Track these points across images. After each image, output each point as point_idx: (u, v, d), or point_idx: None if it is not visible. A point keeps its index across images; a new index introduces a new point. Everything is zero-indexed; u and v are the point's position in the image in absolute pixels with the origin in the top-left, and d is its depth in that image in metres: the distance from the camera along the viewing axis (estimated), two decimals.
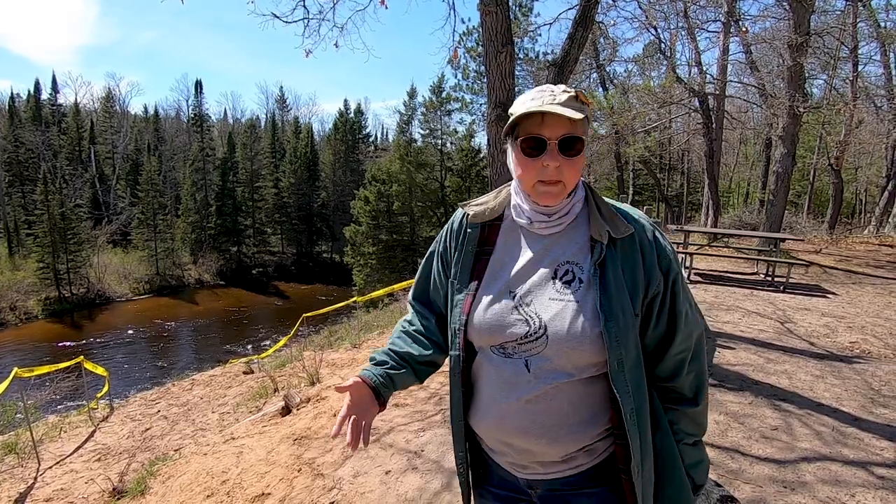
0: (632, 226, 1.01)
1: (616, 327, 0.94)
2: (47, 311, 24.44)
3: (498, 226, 1.09)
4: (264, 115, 51.69)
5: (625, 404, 0.96)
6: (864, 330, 5.16)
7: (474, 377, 1.08)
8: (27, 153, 34.92)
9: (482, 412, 1.05)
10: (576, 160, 0.97)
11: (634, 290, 0.98)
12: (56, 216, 25.59)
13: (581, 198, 1.04)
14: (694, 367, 1.05)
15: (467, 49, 20.58)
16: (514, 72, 4.39)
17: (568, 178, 0.97)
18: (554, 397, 0.98)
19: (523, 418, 0.99)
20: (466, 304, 1.04)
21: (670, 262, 1.02)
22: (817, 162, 20.43)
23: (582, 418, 0.99)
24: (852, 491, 2.43)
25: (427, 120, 29.10)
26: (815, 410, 3.29)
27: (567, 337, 0.96)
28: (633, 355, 0.98)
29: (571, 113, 0.92)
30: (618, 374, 0.96)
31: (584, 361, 0.97)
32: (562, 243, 1.02)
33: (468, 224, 1.10)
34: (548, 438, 0.99)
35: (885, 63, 14.43)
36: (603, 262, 0.98)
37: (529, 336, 0.98)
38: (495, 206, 1.09)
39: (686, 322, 1.03)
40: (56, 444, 5.37)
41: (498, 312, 1.01)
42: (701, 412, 1.08)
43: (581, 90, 0.99)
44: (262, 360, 8.89)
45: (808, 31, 8.94)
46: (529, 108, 0.94)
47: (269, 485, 3.05)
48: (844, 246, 10.46)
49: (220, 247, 35.47)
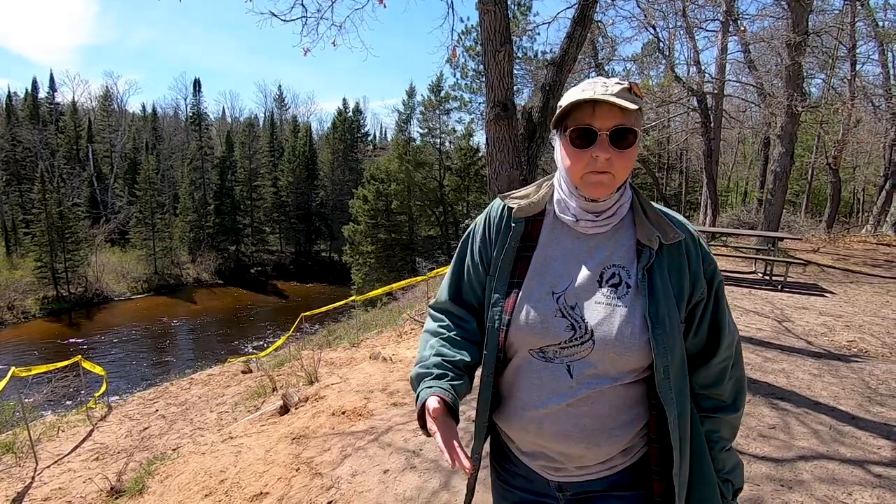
0: (681, 232, 0.99)
1: (663, 334, 0.94)
2: (45, 310, 24.39)
3: (541, 221, 1.04)
4: (263, 113, 51.69)
5: (669, 411, 0.95)
6: (861, 329, 5.17)
7: (507, 379, 1.04)
8: (24, 152, 34.83)
9: (517, 416, 1.02)
10: (628, 152, 0.93)
11: (680, 296, 0.97)
12: (54, 215, 25.53)
13: (628, 199, 1.01)
14: (735, 373, 1.05)
15: (466, 48, 20.57)
16: (513, 71, 4.38)
17: (619, 171, 0.93)
18: (596, 401, 0.96)
19: (564, 423, 0.97)
20: (509, 305, 1.00)
21: (714, 269, 1.01)
22: (815, 161, 20.47)
23: (622, 421, 0.98)
24: (849, 489, 2.44)
25: (426, 119, 29.12)
26: (813, 409, 3.30)
27: (615, 343, 0.94)
28: (679, 362, 0.97)
29: (624, 102, 0.89)
30: (663, 381, 0.95)
31: (628, 367, 0.96)
32: (608, 245, 0.99)
33: (511, 218, 1.05)
34: (589, 442, 0.97)
35: (883, 62, 14.46)
36: (651, 268, 0.96)
37: (574, 340, 0.96)
38: (537, 200, 1.05)
39: (729, 330, 1.03)
40: (54, 443, 5.36)
41: (542, 315, 0.97)
42: (739, 417, 1.07)
43: (634, 83, 0.96)
44: (261, 360, 8.89)
45: (807, 30, 8.95)
46: (580, 97, 0.91)
47: (267, 484, 3.05)
48: (842, 245, 10.49)
49: (218, 246, 35.42)
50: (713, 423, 1.05)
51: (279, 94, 51.06)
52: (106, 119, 41.52)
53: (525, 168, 4.50)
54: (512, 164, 4.34)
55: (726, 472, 1.06)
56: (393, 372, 4.88)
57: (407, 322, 7.82)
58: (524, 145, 4.67)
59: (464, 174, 27.72)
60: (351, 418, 3.69)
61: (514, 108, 4.39)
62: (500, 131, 4.30)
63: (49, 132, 37.43)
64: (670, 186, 29.93)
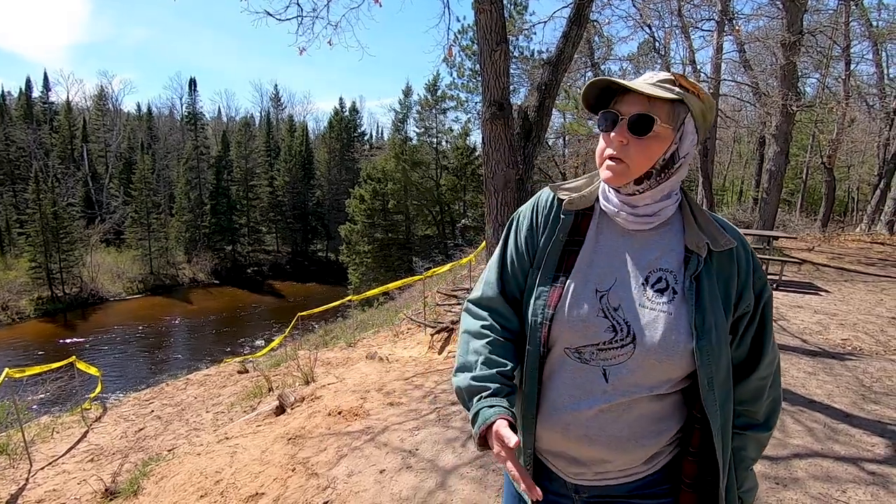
0: (734, 241, 0.95)
1: (709, 345, 0.90)
2: (40, 310, 24.25)
3: (590, 216, 1.02)
4: (259, 113, 51.57)
5: (714, 423, 0.93)
6: (855, 327, 5.20)
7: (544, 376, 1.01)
8: (18, 152, 34.58)
9: (545, 415, 0.99)
10: (644, 141, 0.89)
11: (727, 305, 0.94)
12: (48, 215, 25.37)
13: (675, 202, 0.97)
14: (773, 392, 1.03)
15: (462, 47, 20.58)
16: (509, 70, 4.39)
17: (633, 159, 0.90)
18: (628, 409, 0.93)
19: (593, 428, 0.94)
20: (553, 298, 0.97)
21: (764, 284, 0.98)
22: (810, 160, 20.57)
23: (652, 431, 0.96)
24: (844, 487, 2.45)
25: (422, 118, 29.09)
26: (808, 407, 3.31)
27: (657, 349, 0.90)
28: (724, 374, 0.94)
29: (650, 90, 0.87)
30: (708, 393, 0.92)
31: (666, 376, 0.93)
32: (656, 248, 0.96)
33: (561, 210, 1.02)
34: (615, 450, 0.95)
35: (877, 62, 14.55)
36: (699, 276, 0.93)
37: (614, 343, 0.92)
38: (588, 194, 1.02)
39: (772, 348, 1.00)
40: (48, 444, 5.33)
41: (584, 313, 0.94)
42: (769, 437, 1.05)
43: (682, 75, 0.93)
44: (257, 360, 8.87)
45: (801, 30, 8.99)
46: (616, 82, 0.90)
47: (263, 484, 3.04)
48: (837, 244, 10.54)
49: (214, 246, 35.29)
50: (741, 440, 1.02)
51: (275, 93, 50.88)
52: (101, 118, 41.28)
53: (521, 167, 4.50)
54: (508, 163, 4.34)
55: (742, 491, 1.05)
56: (389, 372, 4.88)
57: (403, 322, 7.81)
58: (520, 144, 4.67)
59: (460, 173, 27.70)
60: (347, 418, 3.68)
61: (511, 107, 4.39)
62: (496, 130, 4.30)
63: (43, 132, 37.16)
64: None
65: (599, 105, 0.96)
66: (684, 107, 0.91)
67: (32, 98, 39.55)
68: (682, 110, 0.91)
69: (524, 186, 4.50)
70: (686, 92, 0.91)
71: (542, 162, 19.65)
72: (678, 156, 0.93)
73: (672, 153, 0.92)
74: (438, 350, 5.34)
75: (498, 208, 4.40)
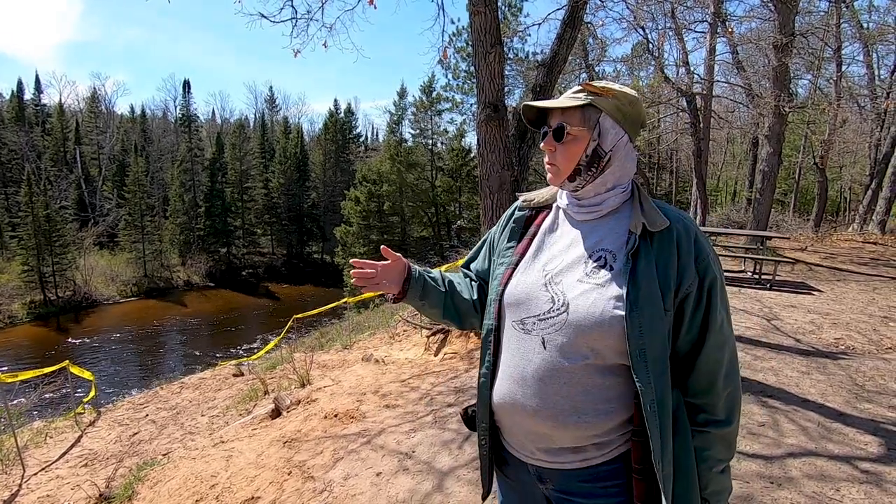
0: (667, 220, 1.01)
1: (640, 317, 0.95)
2: (32, 314, 24.01)
3: (546, 213, 1.17)
4: (253, 115, 51.38)
5: (645, 394, 0.95)
6: (848, 326, 5.24)
7: (498, 351, 1.12)
8: (10, 154, 34.29)
9: (498, 387, 1.10)
10: (564, 145, 1.04)
11: (665, 285, 0.98)
12: (41, 218, 25.15)
13: (620, 192, 1.07)
14: (729, 384, 1.03)
15: (457, 49, 20.62)
16: (504, 72, 4.40)
17: (560, 162, 1.06)
18: (569, 381, 0.99)
19: (534, 396, 1.01)
20: (504, 276, 1.12)
21: (708, 265, 1.01)
22: (803, 161, 20.73)
23: (596, 408, 0.99)
24: (838, 485, 2.47)
25: (417, 120, 29.09)
26: (802, 406, 3.33)
27: (586, 316, 0.97)
28: (659, 349, 0.97)
29: (558, 103, 1.03)
30: (639, 364, 0.95)
31: (599, 344, 0.97)
32: (601, 232, 1.06)
33: (519, 208, 1.21)
34: (556, 422, 0.99)
35: (868, 63, 14.68)
36: (636, 254, 0.99)
37: (551, 313, 1.01)
38: (546, 196, 1.18)
39: (720, 330, 1.01)
40: (41, 449, 5.28)
41: (528, 287, 1.07)
42: (733, 433, 1.06)
43: (589, 82, 1.07)
44: (253, 362, 8.83)
45: (793, 31, 9.06)
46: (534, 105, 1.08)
47: (258, 488, 3.02)
48: (829, 243, 10.62)
49: (209, 248, 35.09)
50: (703, 438, 1.03)
51: (270, 94, 50.76)
52: (94, 121, 41.03)
53: (516, 169, 4.51)
54: (503, 164, 4.35)
55: (707, 493, 1.05)
56: (385, 374, 4.87)
57: (399, 324, 7.80)
58: (515, 146, 4.68)
59: (456, 175, 27.71)
60: (343, 421, 3.67)
61: (505, 109, 4.40)
62: (490, 132, 4.31)
63: (35, 134, 36.91)
64: (661, 186, 30.18)
65: (539, 122, 1.13)
66: (594, 108, 1.03)
67: (24, 100, 39.31)
68: (594, 112, 1.03)
69: (519, 187, 4.52)
70: (595, 95, 1.02)
71: (536, 163, 19.70)
72: (603, 151, 1.04)
73: (594, 150, 1.04)
74: (434, 352, 5.33)
75: (493, 209, 4.41)
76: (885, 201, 12.63)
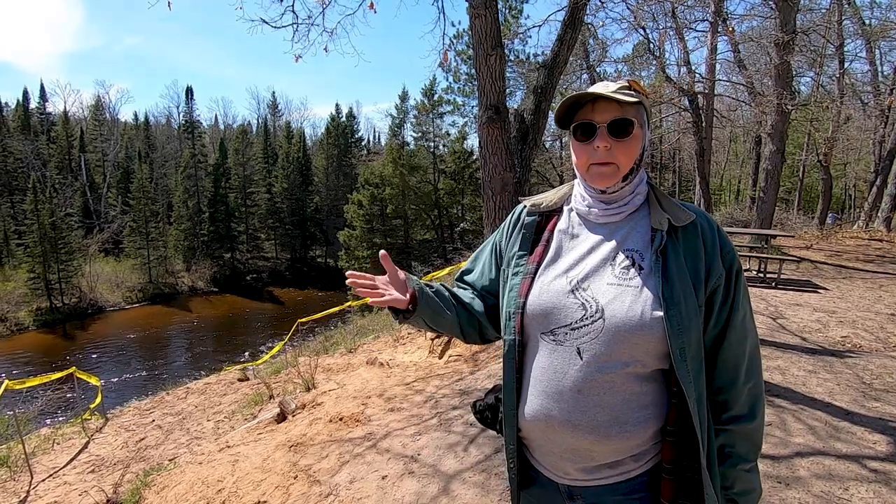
0: (693, 214, 1.00)
1: (678, 315, 0.92)
2: (39, 321, 24.16)
3: (557, 217, 1.11)
4: (256, 120, 51.56)
5: (689, 394, 0.93)
6: (855, 324, 5.20)
7: (524, 366, 1.05)
8: (16, 163, 34.56)
9: (529, 403, 1.02)
10: (627, 142, 0.99)
11: (696, 279, 0.97)
12: (46, 226, 25.34)
13: (643, 191, 1.05)
14: (750, 378, 1.01)
15: (458, 52, 20.64)
16: (505, 74, 4.41)
17: (621, 160, 0.99)
18: (608, 391, 0.95)
19: (573, 410, 0.96)
20: (524, 288, 1.04)
21: (734, 257, 1.01)
22: (806, 158, 20.63)
23: (635, 417, 0.96)
24: (846, 485, 2.45)
25: (419, 123, 29.16)
26: (809, 405, 3.31)
27: (625, 320, 0.93)
28: (695, 347, 0.95)
29: (619, 96, 0.96)
30: (680, 363, 0.93)
31: (640, 350, 0.94)
32: (623, 232, 1.02)
33: (527, 213, 1.14)
34: (597, 435, 0.95)
35: (871, 60, 14.63)
36: (664, 250, 0.97)
37: (585, 320, 0.96)
38: (555, 200, 1.12)
39: (742, 323, 1.00)
40: (49, 456, 5.30)
41: (553, 296, 1.00)
42: (757, 429, 1.02)
43: (635, 80, 1.03)
44: (258, 367, 8.84)
45: (795, 29, 9.04)
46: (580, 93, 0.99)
47: (264, 493, 3.03)
48: (834, 241, 10.57)
49: (213, 253, 35.23)
50: (728, 436, 1.01)
51: (272, 100, 50.90)
52: (98, 128, 41.31)
53: (518, 170, 4.52)
54: (505, 166, 4.36)
55: (734, 492, 1.02)
56: (390, 377, 4.87)
57: (404, 326, 7.80)
58: (517, 148, 4.69)
59: (458, 177, 27.73)
60: (348, 424, 3.68)
61: (507, 111, 4.41)
62: (492, 134, 4.32)
63: (41, 142, 37.16)
64: (664, 186, 30.11)
65: (566, 121, 1.05)
66: (643, 107, 1.02)
67: (30, 109, 39.59)
68: (643, 111, 1.02)
69: (522, 189, 4.52)
70: (642, 95, 1.02)
71: (539, 164, 19.70)
72: (646, 149, 1.04)
73: (643, 148, 1.03)
74: (439, 354, 5.33)
75: (496, 211, 4.42)
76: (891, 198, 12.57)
